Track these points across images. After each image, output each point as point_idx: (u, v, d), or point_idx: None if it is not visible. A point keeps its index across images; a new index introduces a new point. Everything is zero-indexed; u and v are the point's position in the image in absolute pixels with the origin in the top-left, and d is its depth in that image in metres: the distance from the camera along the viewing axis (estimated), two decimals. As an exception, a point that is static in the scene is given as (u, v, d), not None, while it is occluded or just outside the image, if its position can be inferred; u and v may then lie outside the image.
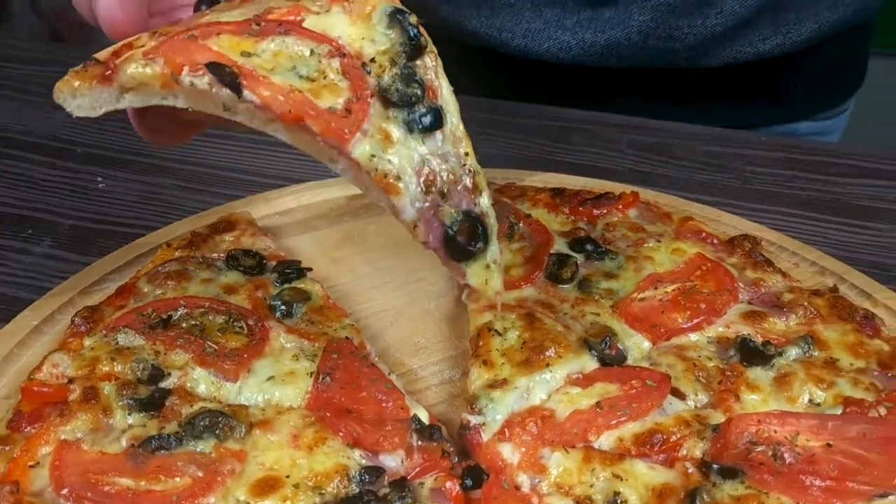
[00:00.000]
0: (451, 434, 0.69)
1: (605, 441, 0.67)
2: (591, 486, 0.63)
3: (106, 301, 0.81)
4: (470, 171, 0.67)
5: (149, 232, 1.02)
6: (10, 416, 0.68)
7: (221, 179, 1.15)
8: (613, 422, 0.67)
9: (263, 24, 0.65)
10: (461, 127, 0.66)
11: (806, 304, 0.81)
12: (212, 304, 0.78)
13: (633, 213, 0.95)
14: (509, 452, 0.66)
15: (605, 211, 0.95)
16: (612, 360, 0.74)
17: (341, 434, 0.64)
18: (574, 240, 0.89)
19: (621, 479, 0.63)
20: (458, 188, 0.66)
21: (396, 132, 0.64)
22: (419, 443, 0.66)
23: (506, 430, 0.67)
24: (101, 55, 0.67)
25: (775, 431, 0.66)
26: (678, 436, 0.66)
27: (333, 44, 0.66)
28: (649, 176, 1.20)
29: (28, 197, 1.12)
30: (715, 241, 0.92)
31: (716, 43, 1.26)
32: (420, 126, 0.64)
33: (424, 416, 0.69)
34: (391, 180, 0.63)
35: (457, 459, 0.65)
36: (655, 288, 0.82)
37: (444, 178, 0.66)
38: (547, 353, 0.73)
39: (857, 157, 1.27)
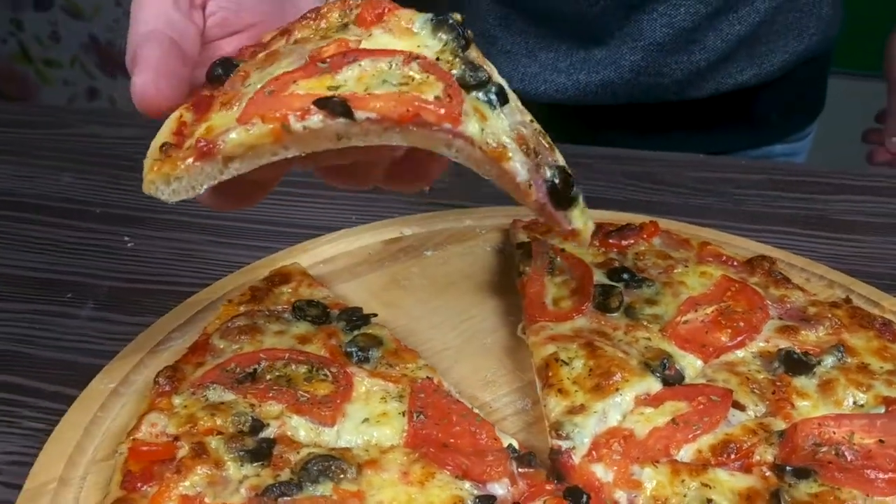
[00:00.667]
0: (541, 459, 0.74)
1: (686, 454, 0.73)
2: (685, 496, 0.69)
3: (183, 359, 0.83)
4: (541, 132, 0.72)
5: (188, 288, 1.05)
6: (122, 478, 0.70)
7: (249, 232, 1.18)
8: (690, 435, 0.74)
9: (329, 61, 0.67)
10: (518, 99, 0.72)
11: (829, 315, 0.89)
12: (291, 354, 0.82)
13: (656, 242, 1.02)
14: (602, 472, 0.72)
15: (632, 241, 1.02)
16: (672, 380, 0.81)
17: (449, 467, 0.69)
18: (611, 270, 0.96)
19: (710, 488, 0.69)
20: (542, 147, 0.71)
21: (485, 109, 0.68)
22: (519, 470, 0.71)
23: (593, 451, 0.73)
24: (169, 138, 0.67)
25: (834, 433, 0.73)
26: (749, 443, 0.73)
27: (402, 53, 0.68)
28: (648, 204, 1.28)
29: (58, 261, 1.13)
30: (735, 262, 1.00)
31: (700, 76, 1.36)
32: (497, 102, 0.69)
33: (515, 445, 0.74)
34: (500, 149, 0.67)
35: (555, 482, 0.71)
36: (695, 311, 0.89)
37: (531, 139, 0.70)
38: (614, 379, 0.79)
39: (829, 174, 1.38)
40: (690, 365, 0.83)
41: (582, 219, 0.73)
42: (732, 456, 0.72)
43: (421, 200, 1.20)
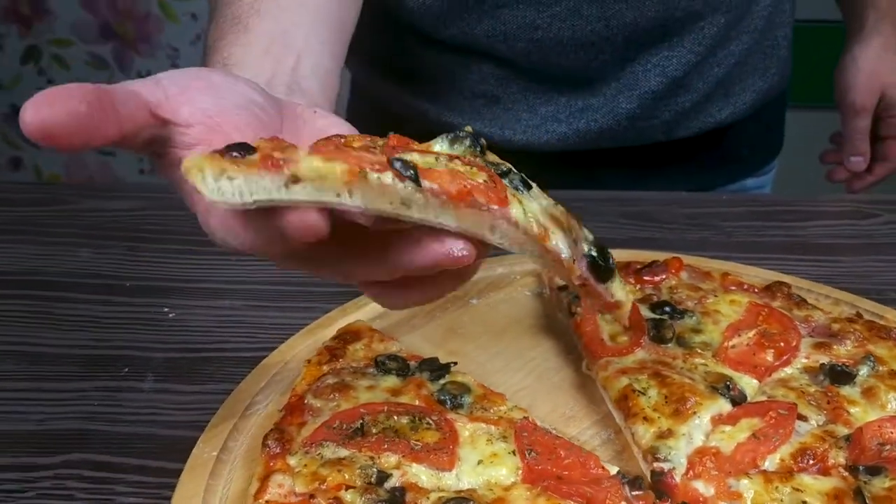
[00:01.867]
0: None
1: (770, 464, 0.81)
2: (781, 501, 0.77)
3: (284, 421, 0.87)
4: (568, 211, 0.76)
5: (244, 354, 1.08)
6: (264, 539, 0.73)
7: (286, 296, 1.22)
8: (771, 447, 0.82)
9: (380, 150, 0.70)
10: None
11: (851, 330, 1.00)
12: (389, 407, 0.86)
13: (684, 276, 1.12)
14: (703, 488, 0.79)
15: (663, 276, 1.11)
16: (738, 400, 0.89)
17: (575, 498, 0.75)
18: (653, 305, 1.05)
19: (801, 492, 0.77)
20: (574, 224, 0.75)
21: (518, 195, 0.72)
22: (633, 493, 0.77)
23: (690, 470, 0.81)
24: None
25: (892, 432, 0.83)
26: (821, 449, 0.82)
27: (443, 154, 0.72)
28: (648, 241, 1.39)
29: (103, 337, 1.14)
30: (755, 289, 1.10)
31: (686, 117, 1.49)
32: (523, 188, 0.73)
33: (615, 470, 0.81)
34: (542, 230, 0.71)
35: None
36: (738, 336, 0.99)
37: (562, 218, 0.74)
38: (689, 403, 0.87)
39: (802, 203, 1.52)
40: (748, 385, 0.92)
41: (622, 290, 0.78)
42: (811, 461, 0.81)
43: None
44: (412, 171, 0.65)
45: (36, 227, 1.40)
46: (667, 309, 1.04)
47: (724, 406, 0.88)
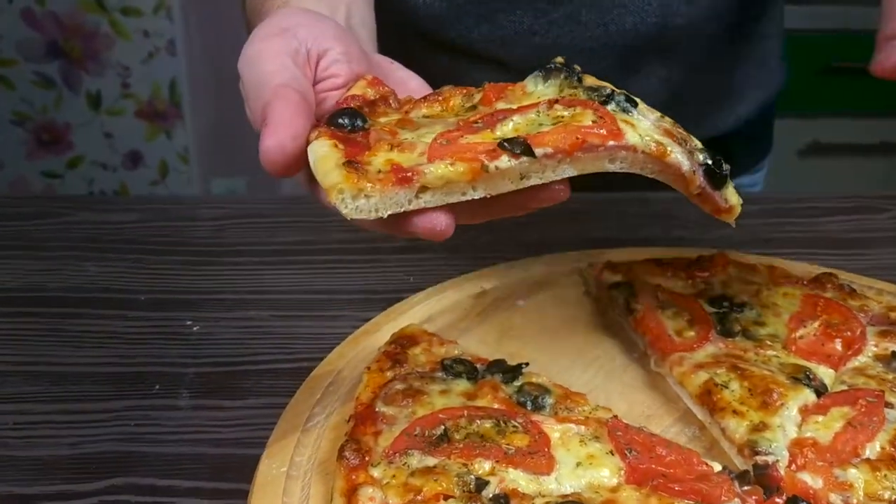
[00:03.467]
0: (745, 478, 0.78)
1: (871, 452, 0.79)
2: (893, 489, 0.74)
3: (357, 431, 0.81)
4: (676, 123, 0.79)
5: (280, 365, 1.03)
6: (362, 556, 0.67)
7: (313, 304, 1.16)
8: (869, 435, 0.80)
9: (482, 121, 0.73)
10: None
11: (910, 317, 1.00)
12: (469, 412, 0.81)
13: (732, 271, 1.10)
14: (811, 479, 0.76)
15: (713, 272, 1.09)
16: (821, 390, 0.87)
17: (689, 497, 0.71)
18: (710, 299, 1.02)
19: (910, 478, 0.75)
20: (684, 135, 0.78)
21: (628, 117, 0.75)
22: (742, 488, 0.74)
23: (793, 462, 0.78)
24: (348, 159, 0.69)
25: (982, 416, 0.82)
26: (917, 435, 0.80)
27: (542, 101, 0.75)
28: (677, 240, 1.37)
29: (127, 353, 1.06)
30: (804, 282, 1.09)
31: (688, 127, 1.47)
32: (630, 107, 0.77)
33: (719, 466, 0.77)
34: (660, 146, 0.74)
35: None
36: (804, 326, 0.97)
37: (674, 131, 0.77)
38: (775, 395, 0.85)
39: (815, 199, 1.53)
40: (825, 374, 0.90)
41: (735, 195, 0.83)
42: (910, 448, 0.79)
43: (471, 256, 1.22)
44: (523, 147, 0.68)
45: (30, 241, 1.30)
46: (725, 303, 1.01)
47: (809, 396, 0.86)
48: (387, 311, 1.06)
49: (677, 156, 0.75)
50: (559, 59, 0.78)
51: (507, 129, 0.72)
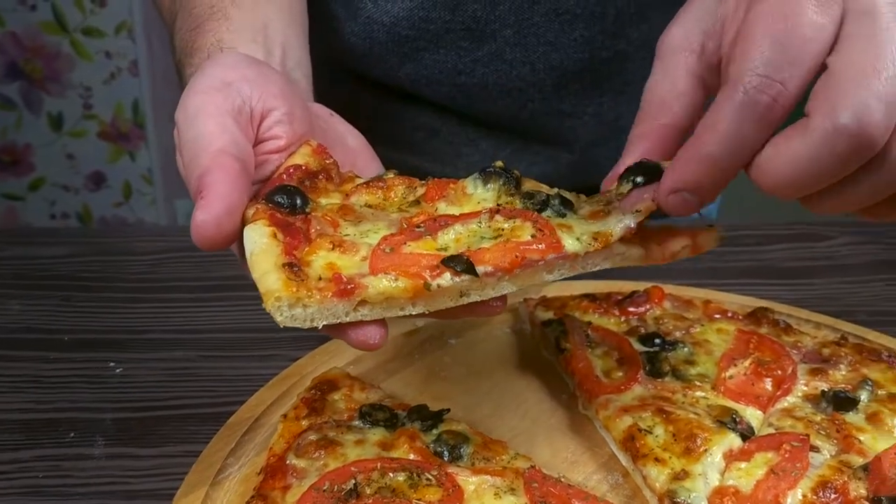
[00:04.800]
0: (663, 529, 0.76)
1: (792, 501, 0.77)
2: (813, 540, 0.72)
3: (266, 486, 0.78)
4: (589, 197, 0.79)
5: (202, 410, 1.00)
6: None
7: (243, 343, 1.13)
8: (791, 482, 0.78)
9: (424, 225, 0.72)
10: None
11: (842, 353, 0.98)
12: (383, 464, 0.78)
13: (667, 305, 1.08)
14: (730, 531, 0.74)
15: (647, 307, 1.07)
16: (747, 434, 0.85)
17: (601, 551, 0.69)
18: (641, 337, 1.00)
19: (831, 529, 0.73)
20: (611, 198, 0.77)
21: (563, 220, 0.74)
22: (659, 542, 0.72)
23: (712, 512, 0.76)
24: (285, 259, 0.66)
25: (907, 460, 0.80)
26: (841, 481, 0.78)
27: (485, 210, 0.74)
28: (620, 271, 1.34)
29: (44, 398, 1.02)
30: (739, 316, 1.07)
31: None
32: (565, 208, 0.76)
33: (637, 519, 0.75)
34: (602, 237, 0.72)
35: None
36: (734, 365, 0.95)
37: (601, 207, 0.76)
38: (699, 440, 0.83)
39: (760, 227, 1.52)
40: (753, 416, 0.88)
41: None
42: (832, 496, 0.77)
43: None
44: (465, 265, 0.67)
45: (-46, 279, 1.27)
46: (657, 341, 1.00)
47: (734, 441, 0.84)
48: (314, 352, 1.04)
49: (615, 228, 0.73)
50: (498, 164, 0.78)
51: (448, 237, 0.71)
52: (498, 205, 0.75)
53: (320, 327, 0.66)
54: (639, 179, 0.75)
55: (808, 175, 0.62)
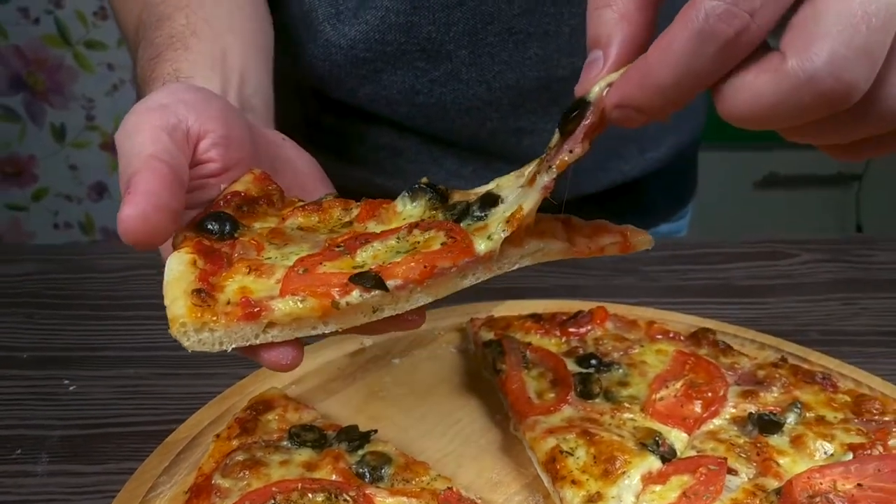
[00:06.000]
0: (574, 552, 0.77)
1: (703, 525, 0.79)
2: (717, 565, 0.74)
3: (189, 505, 0.80)
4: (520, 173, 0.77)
5: (147, 427, 1.02)
6: None
7: (195, 362, 1.14)
8: (703, 506, 0.79)
9: (344, 244, 0.73)
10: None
11: (777, 376, 0.99)
12: (304, 484, 0.80)
13: (610, 326, 1.10)
14: (636, 554, 0.75)
15: (589, 328, 1.08)
16: (668, 456, 0.87)
17: (501, 575, 0.71)
18: (579, 358, 1.02)
19: (736, 553, 0.74)
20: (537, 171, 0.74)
21: (481, 223, 0.73)
22: (563, 565, 0.73)
23: (622, 536, 0.77)
24: (197, 284, 0.67)
25: (821, 484, 0.81)
26: (753, 506, 0.80)
27: (403, 227, 0.74)
28: (574, 288, 1.37)
29: (-4, 415, 1.05)
30: (681, 337, 1.09)
31: (588, 175, 1.47)
32: (482, 211, 0.74)
33: (547, 542, 0.76)
34: (514, 217, 0.70)
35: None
36: (666, 387, 0.96)
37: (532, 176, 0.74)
38: (618, 463, 0.84)
39: (724, 245, 1.53)
40: (677, 439, 0.90)
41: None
42: (743, 520, 0.79)
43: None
44: (374, 280, 0.67)
45: (-77, 296, 1.30)
46: (593, 362, 1.01)
47: (654, 463, 0.85)
48: (257, 371, 1.06)
49: (531, 201, 0.70)
50: (424, 180, 0.78)
51: (366, 255, 0.71)
52: (421, 219, 0.75)
53: (229, 350, 0.67)
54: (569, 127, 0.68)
55: (773, 115, 0.55)
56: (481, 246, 0.71)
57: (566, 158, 0.68)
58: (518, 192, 0.75)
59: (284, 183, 0.88)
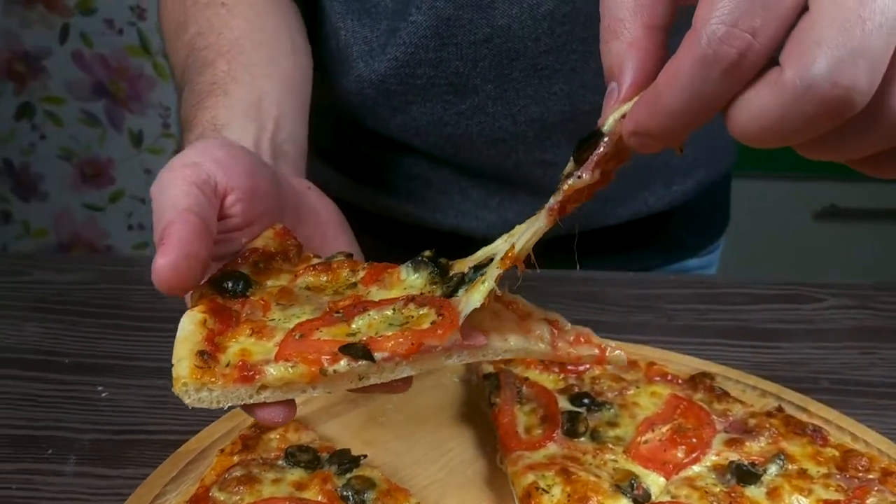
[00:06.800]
0: (536, 586, 0.81)
1: (663, 570, 0.81)
2: None
3: (186, 514, 0.87)
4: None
5: (168, 437, 1.09)
6: None
7: (220, 374, 1.23)
8: (666, 553, 0.82)
9: (342, 311, 0.77)
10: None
11: (767, 425, 1.01)
12: (290, 503, 0.87)
13: (609, 365, 1.13)
14: None
15: (588, 367, 1.12)
16: (641, 500, 0.90)
17: None
18: (572, 396, 1.05)
19: None
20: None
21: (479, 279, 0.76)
22: None
23: (583, 575, 0.81)
24: (203, 346, 0.73)
25: (787, 538, 0.83)
26: (717, 555, 0.82)
27: (402, 298, 0.78)
28: (595, 324, 1.37)
29: (34, 416, 1.14)
30: (679, 380, 1.11)
31: (612, 206, 1.50)
32: (483, 272, 0.77)
33: (511, 575, 0.81)
34: (510, 259, 0.74)
35: None
36: (652, 430, 0.99)
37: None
38: (591, 503, 0.88)
39: (750, 285, 1.53)
40: (654, 483, 0.92)
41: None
42: (704, 568, 0.81)
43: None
44: (362, 352, 0.72)
45: (-11, 299, 1.42)
46: (585, 401, 1.05)
47: (625, 506, 0.88)
48: (271, 389, 1.12)
49: (523, 239, 0.74)
50: (427, 253, 0.82)
51: (362, 322, 0.75)
52: (421, 293, 0.79)
53: (226, 408, 0.73)
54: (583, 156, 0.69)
55: (779, 131, 0.55)
56: (474, 297, 0.74)
57: (573, 183, 0.71)
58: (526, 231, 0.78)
59: (307, 232, 0.94)
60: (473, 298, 0.74)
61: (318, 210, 0.98)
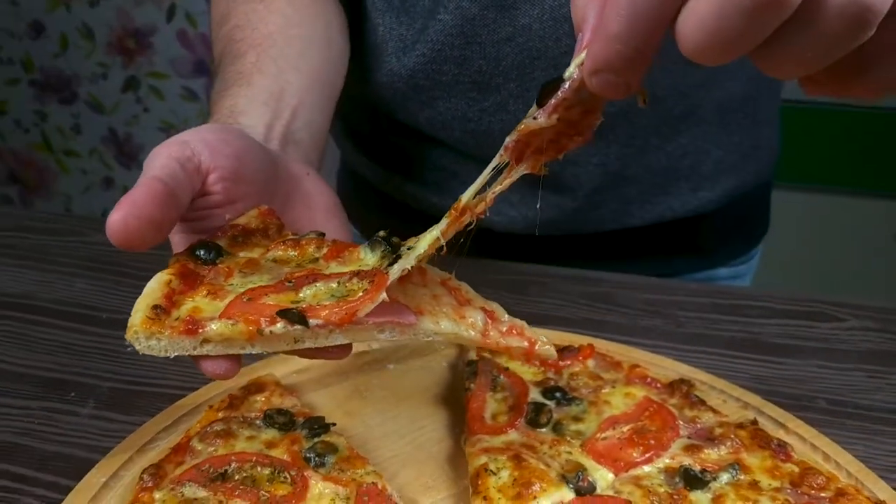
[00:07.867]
0: (464, 559, 0.86)
1: (588, 560, 0.85)
2: None
3: (166, 459, 0.97)
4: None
5: (176, 391, 1.19)
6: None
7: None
8: (592, 542, 0.86)
9: (294, 280, 0.84)
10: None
11: (732, 436, 1.02)
12: (258, 458, 0.95)
13: (591, 364, 1.16)
14: (513, 572, 0.84)
15: (569, 362, 1.15)
16: (585, 491, 0.93)
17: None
18: (546, 389, 1.09)
19: (601, 589, 0.81)
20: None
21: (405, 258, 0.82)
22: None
23: (508, 553, 0.85)
24: (160, 301, 0.82)
25: (716, 544, 0.85)
26: (642, 551, 0.85)
27: (349, 272, 0.84)
28: (599, 323, 1.42)
29: (66, 362, 1.27)
30: (658, 384, 1.13)
31: (635, 207, 1.52)
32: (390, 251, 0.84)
33: (442, 546, 0.86)
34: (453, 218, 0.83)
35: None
36: (614, 428, 1.02)
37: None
38: (533, 488, 0.92)
39: (770, 299, 1.52)
40: (602, 477, 0.96)
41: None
42: (627, 562, 0.84)
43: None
44: (297, 317, 0.79)
45: (43, 255, 1.57)
46: (557, 395, 1.08)
47: (566, 495, 0.92)
48: (270, 357, 1.21)
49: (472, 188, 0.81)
50: (381, 233, 0.87)
51: (309, 292, 0.82)
52: (372, 269, 0.85)
53: (172, 357, 0.81)
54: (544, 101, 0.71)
55: (725, 36, 0.53)
56: (407, 260, 0.80)
57: (528, 122, 0.73)
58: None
59: (294, 215, 1.01)
60: (405, 262, 0.80)
61: (311, 195, 1.05)
